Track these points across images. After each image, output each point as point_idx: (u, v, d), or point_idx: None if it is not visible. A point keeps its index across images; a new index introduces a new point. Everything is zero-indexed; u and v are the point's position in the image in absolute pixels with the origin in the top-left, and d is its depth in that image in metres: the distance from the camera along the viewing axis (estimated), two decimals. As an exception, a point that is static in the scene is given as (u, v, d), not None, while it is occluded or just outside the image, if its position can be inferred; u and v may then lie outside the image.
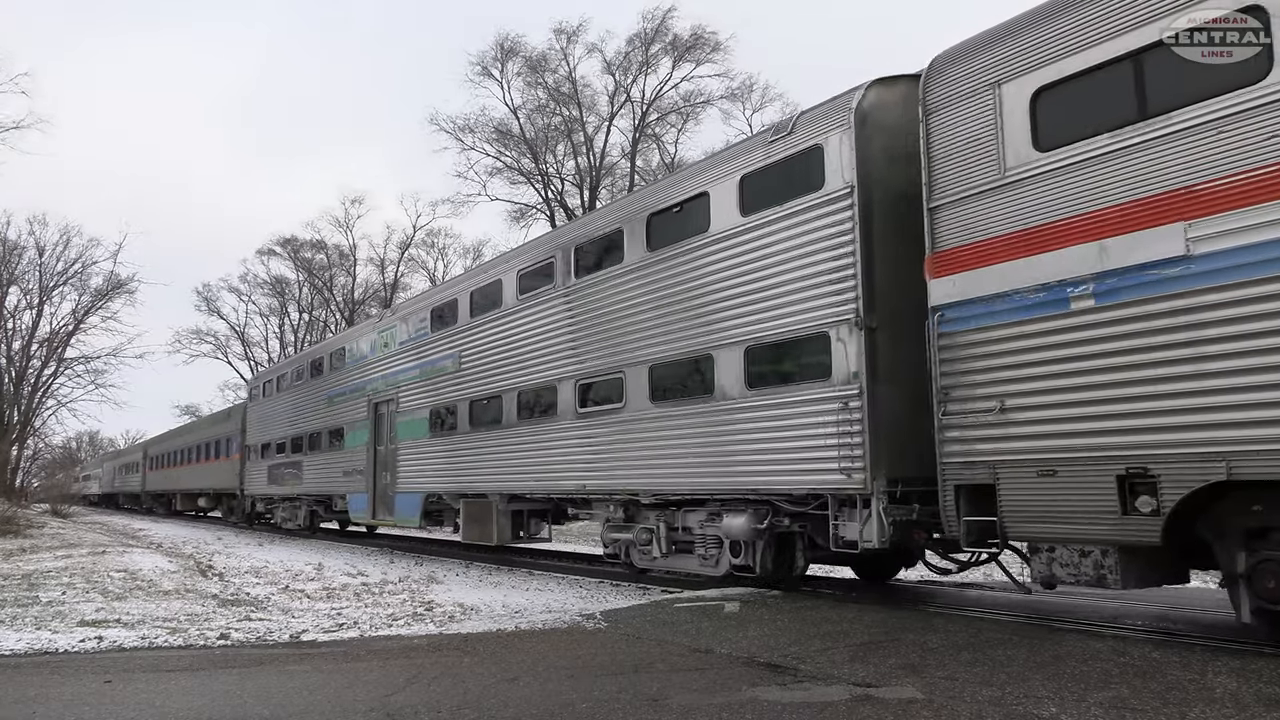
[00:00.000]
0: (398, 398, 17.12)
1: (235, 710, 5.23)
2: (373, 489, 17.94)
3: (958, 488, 7.21)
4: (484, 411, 14.15)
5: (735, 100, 40.06)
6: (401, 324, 17.59)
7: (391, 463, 17.25)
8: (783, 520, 9.15)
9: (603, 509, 11.81)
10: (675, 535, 10.49)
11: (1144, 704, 4.74)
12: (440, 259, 56.27)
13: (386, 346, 17.99)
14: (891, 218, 8.19)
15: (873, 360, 7.99)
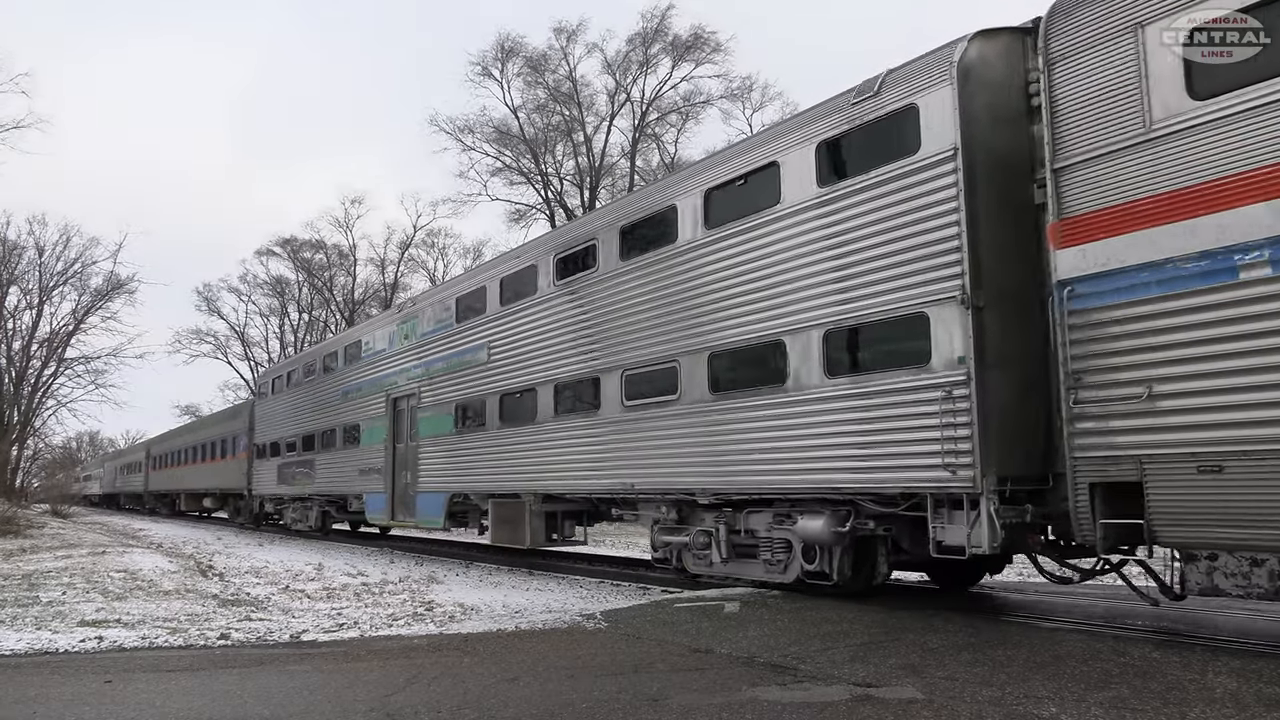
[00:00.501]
0: (419, 392, 16.19)
1: (235, 710, 5.23)
2: (391, 488, 17.08)
3: (1093, 486, 6.35)
4: (516, 406, 13.28)
5: (735, 100, 40.05)
6: (424, 315, 16.57)
7: (412, 461, 16.32)
8: (866, 522, 8.33)
9: (651, 510, 10.99)
10: (736, 539, 9.68)
11: (1144, 704, 4.74)
12: (440, 259, 56.25)
13: (407, 339, 17.01)
14: (995, 184, 7.42)
15: (981, 343, 7.13)
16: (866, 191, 8.13)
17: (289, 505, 24.25)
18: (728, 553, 9.73)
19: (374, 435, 17.97)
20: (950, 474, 7.17)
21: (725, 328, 9.53)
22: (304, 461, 22.06)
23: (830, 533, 8.44)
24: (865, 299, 8.08)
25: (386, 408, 17.43)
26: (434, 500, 15.53)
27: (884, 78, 8.26)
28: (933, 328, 7.44)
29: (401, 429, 16.95)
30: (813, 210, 8.64)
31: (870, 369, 8.07)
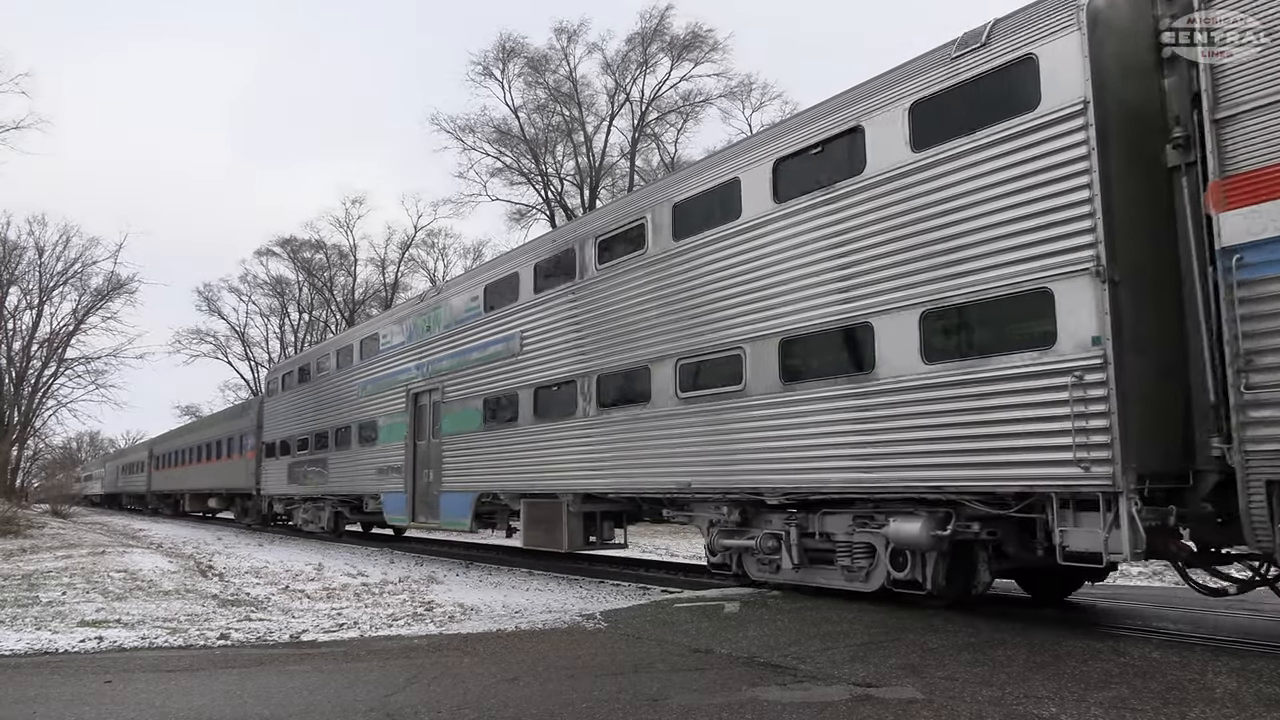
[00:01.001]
0: (443, 386, 15.27)
1: (235, 710, 5.23)
2: (412, 488, 16.15)
3: (1270, 483, 5.63)
4: (552, 400, 12.43)
5: (735, 99, 40.03)
6: (448, 304, 15.65)
7: (435, 459, 15.41)
8: (969, 525, 7.49)
9: (708, 511, 10.13)
10: (809, 543, 8.95)
11: (1144, 704, 4.74)
12: (440, 259, 56.28)
13: (429, 330, 16.08)
14: (1127, 143, 6.65)
15: (1118, 321, 6.34)
16: (973, 154, 7.31)
17: (299, 505, 23.55)
18: (799, 558, 8.97)
19: (393, 432, 17.09)
20: (1082, 471, 6.37)
21: (800, 310, 8.68)
22: (316, 460, 21.18)
23: (928, 537, 7.61)
24: (972, 275, 7.23)
25: (407, 403, 16.50)
26: (460, 500, 14.63)
27: (992, 26, 7.45)
28: (1059, 305, 6.63)
29: (423, 425, 16.06)
30: (906, 178, 7.80)
31: (980, 353, 7.19)
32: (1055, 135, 6.78)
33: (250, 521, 29.17)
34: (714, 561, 10.34)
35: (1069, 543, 6.58)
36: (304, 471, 21.99)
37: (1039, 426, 6.69)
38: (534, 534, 12.70)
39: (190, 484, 36.44)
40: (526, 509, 12.89)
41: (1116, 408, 6.26)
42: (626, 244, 11.20)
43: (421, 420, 16.13)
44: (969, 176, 7.34)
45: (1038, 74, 6.93)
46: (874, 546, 8.31)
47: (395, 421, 17.00)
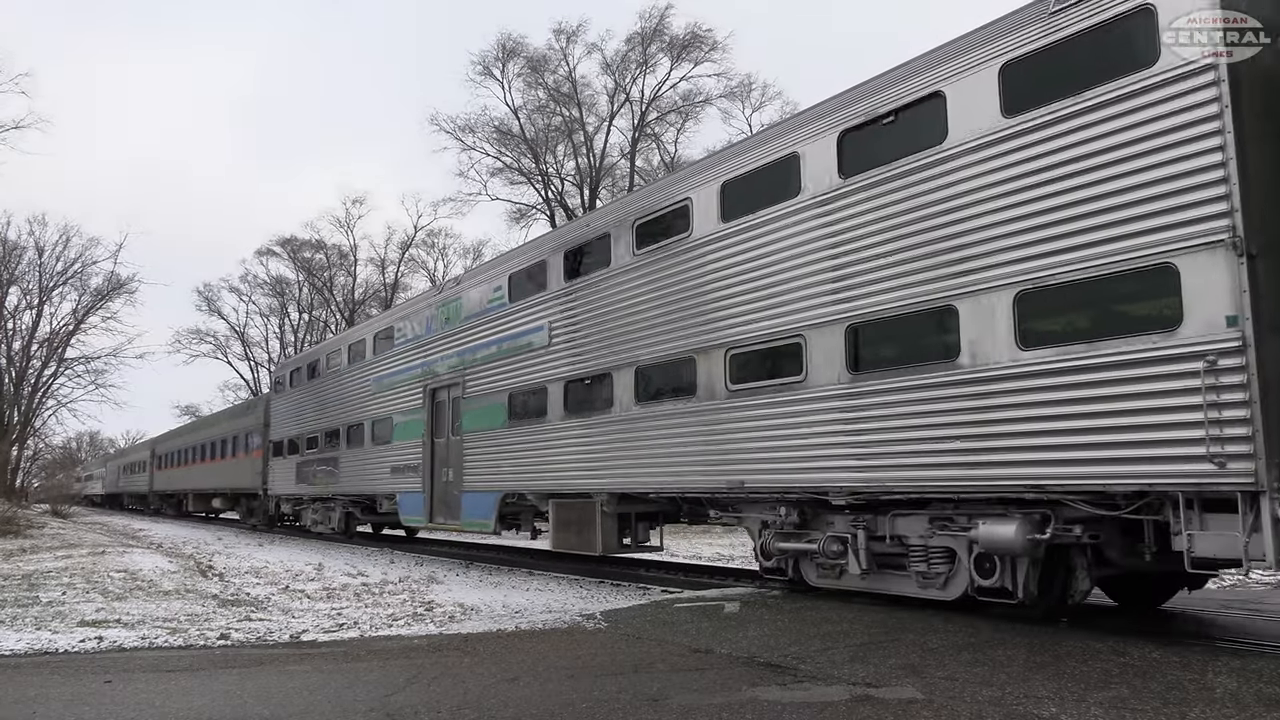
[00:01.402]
0: (463, 381, 14.55)
1: (235, 710, 5.23)
2: (430, 488, 15.45)
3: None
4: (586, 394, 11.76)
5: (735, 99, 40.05)
6: (468, 296, 14.89)
7: (455, 457, 14.69)
8: (1069, 528, 6.80)
9: (761, 511, 9.52)
10: (878, 546, 8.32)
11: (1144, 704, 4.74)
12: (440, 259, 56.32)
13: (448, 322, 15.32)
14: (1259, 103, 6.04)
15: (1257, 300, 5.70)
16: (1078, 118, 6.65)
17: (308, 506, 22.84)
18: (868, 563, 8.33)
19: (409, 430, 16.37)
20: (1216, 467, 5.73)
21: (872, 294, 8.02)
22: (326, 459, 20.43)
23: (1024, 541, 6.89)
24: (1076, 251, 6.56)
25: (424, 399, 15.81)
26: (482, 501, 13.91)
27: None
28: (1184, 282, 5.97)
29: (441, 422, 15.36)
30: (998, 145, 7.17)
31: (1086, 337, 6.51)
32: (1178, 93, 6.12)
33: (256, 522, 28.65)
34: (767, 566, 9.63)
35: (1197, 547, 5.94)
36: (313, 471, 21.29)
37: (1161, 418, 6.03)
38: (564, 536, 12.02)
39: (194, 484, 35.83)
40: (556, 510, 12.22)
41: (1258, 396, 5.59)
42: (668, 227, 10.52)
43: (440, 417, 15.42)
44: (1074, 142, 6.67)
45: (1155, 27, 6.29)
46: (954, 551, 7.67)
47: (411, 419, 16.28)
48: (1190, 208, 6.00)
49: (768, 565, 9.67)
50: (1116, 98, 6.46)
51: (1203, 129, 5.98)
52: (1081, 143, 6.63)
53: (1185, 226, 6.01)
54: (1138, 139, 6.32)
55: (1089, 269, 6.49)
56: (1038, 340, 6.79)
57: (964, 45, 7.64)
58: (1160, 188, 6.17)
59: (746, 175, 9.56)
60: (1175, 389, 5.98)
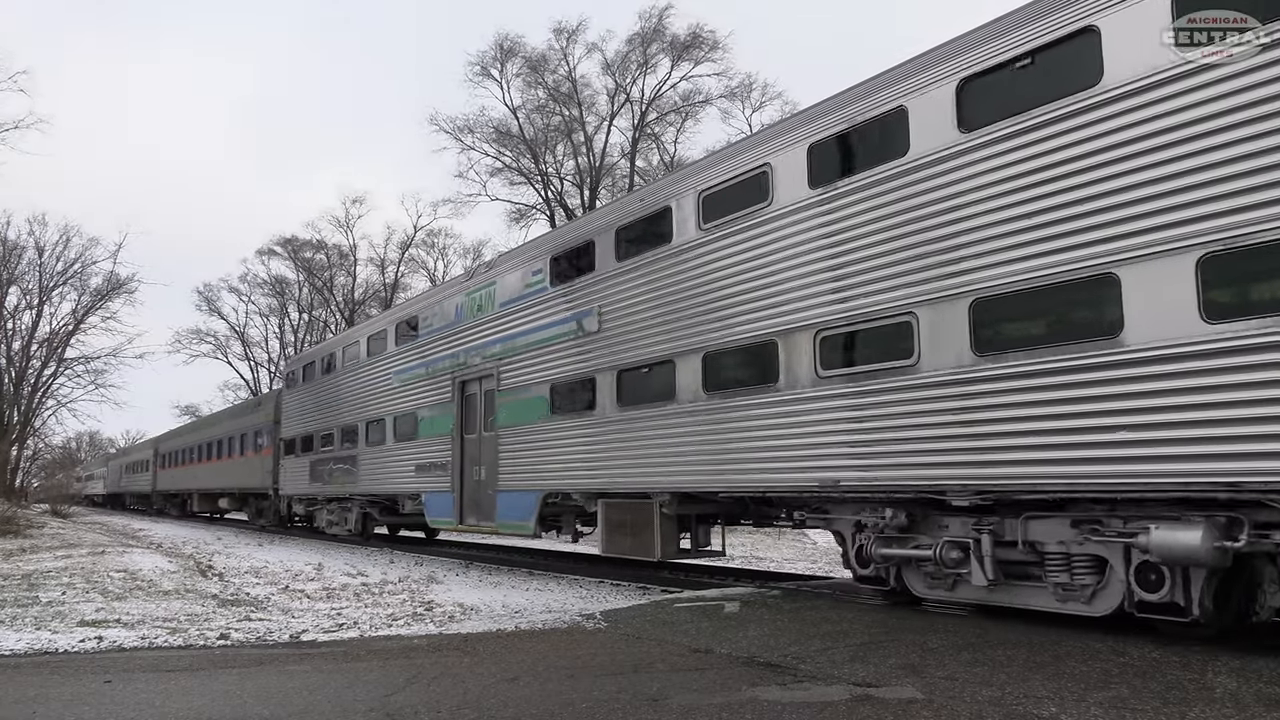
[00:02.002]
0: (498, 373, 13.61)
1: (235, 710, 5.23)
2: (459, 487, 14.52)
3: None
4: (642, 384, 10.77)
5: (735, 99, 40.08)
6: (503, 281, 13.87)
7: (489, 454, 13.74)
8: (1266, 534, 5.81)
9: (855, 513, 8.54)
10: (1006, 553, 7.26)
11: (1144, 704, 4.74)
12: (440, 259, 56.38)
13: (480, 310, 14.35)
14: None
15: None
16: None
17: (322, 506, 21.80)
18: (994, 572, 7.26)
19: (436, 425, 15.40)
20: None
21: (996, 264, 7.03)
22: (343, 458, 19.41)
23: (1209, 549, 5.84)
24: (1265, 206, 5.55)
25: (453, 393, 14.84)
26: (521, 501, 12.94)
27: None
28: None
29: (473, 417, 14.40)
30: (1166, 85, 6.19)
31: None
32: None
33: (265, 523, 27.68)
34: (864, 574, 8.60)
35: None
36: (329, 470, 20.27)
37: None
38: (616, 539, 11.07)
39: (199, 483, 34.79)
40: (606, 511, 11.30)
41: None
42: (739, 198, 9.54)
43: (471, 411, 14.46)
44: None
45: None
46: (1103, 560, 6.72)
47: (439, 414, 15.28)
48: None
49: (863, 574, 8.59)
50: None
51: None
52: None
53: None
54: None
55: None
56: (1236, 311, 5.78)
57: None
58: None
59: (848, 133, 8.34)
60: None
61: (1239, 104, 5.83)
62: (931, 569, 7.81)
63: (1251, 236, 5.66)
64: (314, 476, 21.27)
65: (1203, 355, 5.87)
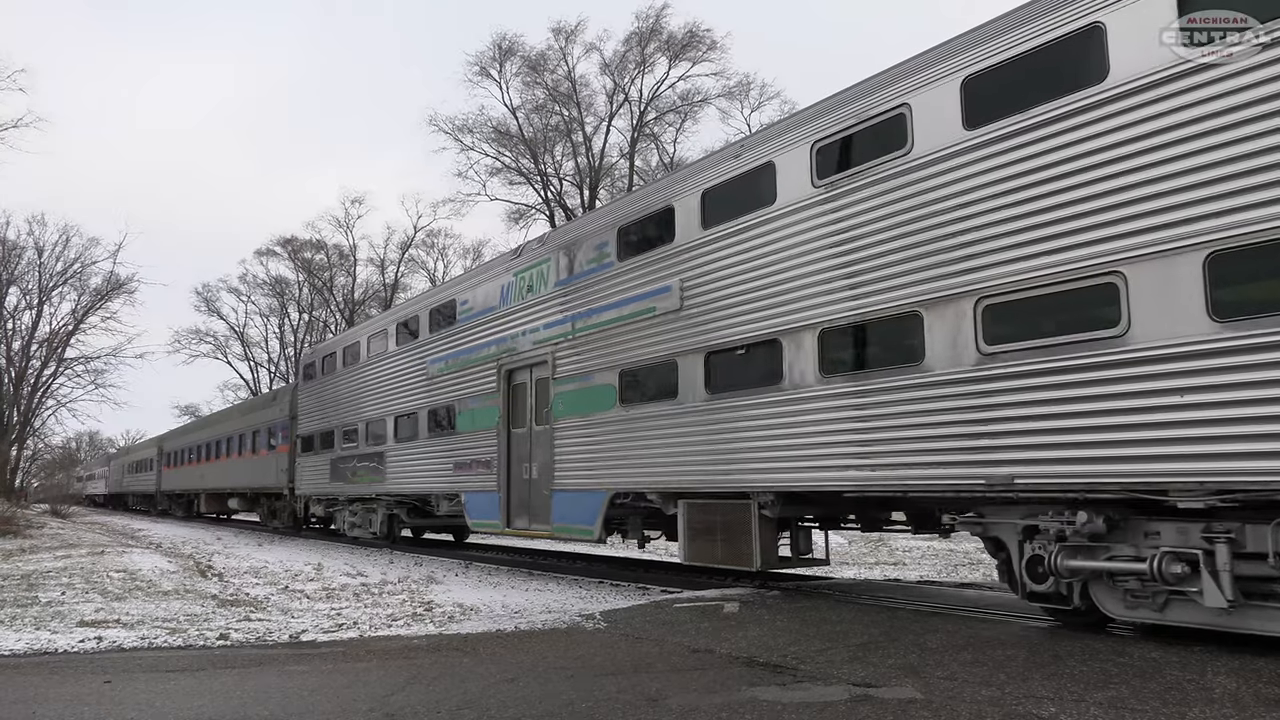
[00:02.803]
0: (553, 360, 12.34)
1: (235, 711, 5.23)
2: (506, 486, 13.32)
3: None
4: (738, 367, 9.47)
5: (733, 99, 40.15)
6: (558, 258, 12.57)
7: (543, 450, 12.52)
8: None
9: (1027, 516, 7.09)
10: (1250, 568, 5.81)
11: (1144, 704, 4.74)
12: (440, 259, 56.44)
13: (530, 291, 13.09)
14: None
15: None
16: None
17: (344, 507, 20.45)
18: (1233, 591, 5.80)
19: (478, 419, 14.11)
20: None
21: (1236, 209, 5.72)
22: (369, 455, 18.12)
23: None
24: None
25: (499, 382, 13.55)
26: (583, 502, 11.63)
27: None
28: None
29: (521, 409, 13.16)
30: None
31: None
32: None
33: (280, 524, 26.33)
34: (1035, 590, 7.05)
35: None
36: (352, 468, 18.95)
37: None
38: (703, 546, 9.84)
39: (207, 483, 33.21)
40: (689, 513, 10.04)
41: None
42: (872, 145, 8.25)
43: (519, 403, 13.19)
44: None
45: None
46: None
47: (481, 406, 14.01)
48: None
49: (1036, 589, 7.04)
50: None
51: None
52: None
53: None
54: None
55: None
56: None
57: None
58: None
59: (1008, 63, 7.22)
60: None
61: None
62: (1134, 585, 6.41)
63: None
64: (335, 475, 19.98)
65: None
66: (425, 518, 17.62)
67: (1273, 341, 5.61)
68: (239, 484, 29.12)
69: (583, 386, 11.80)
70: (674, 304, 10.30)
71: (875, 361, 8.08)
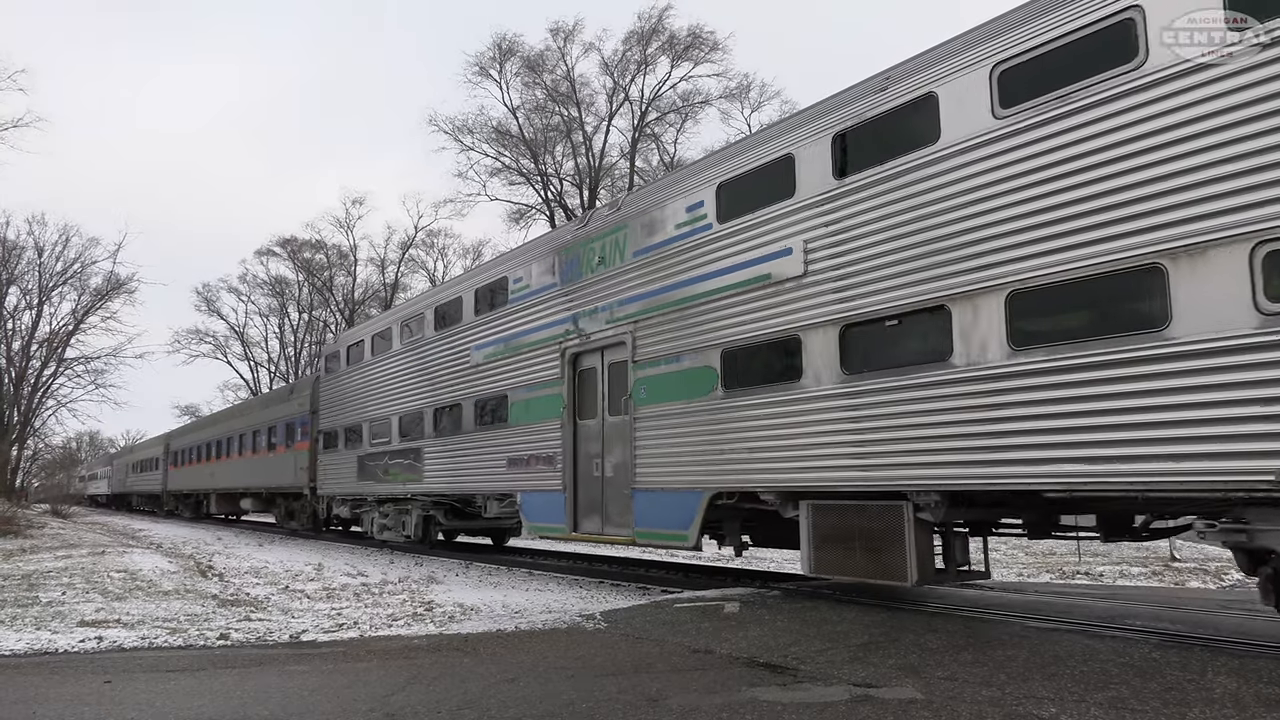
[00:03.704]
0: (634, 340, 10.80)
1: (235, 711, 5.23)
2: (573, 485, 11.86)
3: None
4: (886, 341, 7.98)
5: (733, 100, 40.14)
6: (638, 223, 11.00)
7: (619, 443, 11.01)
8: None
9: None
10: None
11: (1144, 704, 4.74)
12: (440, 259, 56.48)
13: (602, 263, 11.56)
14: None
15: None
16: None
17: (373, 508, 18.90)
18: None
19: (537, 409, 12.67)
20: None
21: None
22: (403, 452, 16.69)
23: None
24: None
25: (562, 368, 12.12)
26: (674, 503, 10.09)
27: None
28: None
29: (591, 397, 11.70)
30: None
31: None
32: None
33: (299, 526, 24.90)
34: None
35: None
36: (383, 465, 17.53)
37: None
38: (836, 555, 8.37)
39: (218, 483, 31.55)
40: (817, 517, 8.59)
41: None
42: (1080, 64, 6.74)
43: (588, 390, 11.78)
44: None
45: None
46: None
47: (541, 394, 12.61)
48: None
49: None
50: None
51: None
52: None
53: None
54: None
55: None
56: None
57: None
58: None
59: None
60: None
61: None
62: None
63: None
64: (363, 474, 18.51)
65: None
66: (465, 519, 16.24)
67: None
68: (253, 483, 27.58)
69: (672, 370, 10.25)
70: (796, 269, 8.77)
71: (1090, 329, 6.48)
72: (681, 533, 9.93)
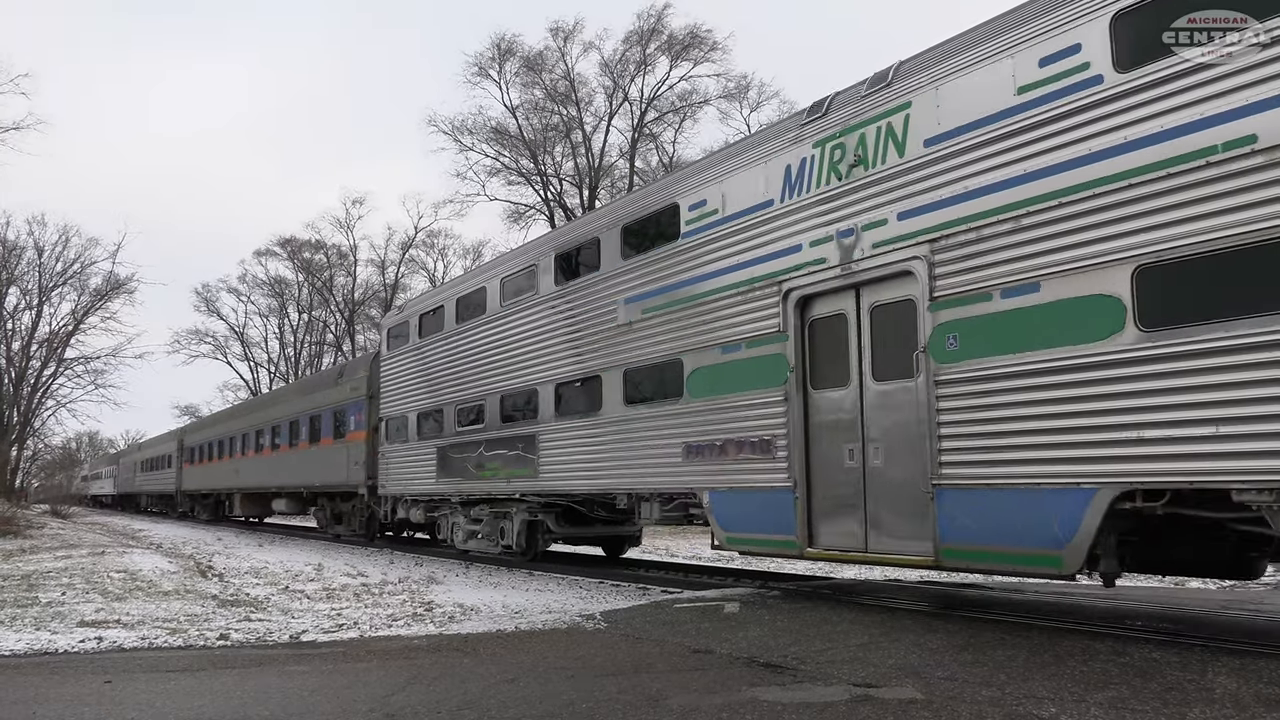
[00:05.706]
0: (929, 268, 7.48)
1: (235, 711, 5.23)
2: (805, 479, 8.63)
3: None
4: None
5: (733, 100, 40.13)
6: (944, 91, 7.55)
7: (902, 420, 7.77)
8: None
9: None
10: None
11: (1144, 704, 4.74)
12: (440, 259, 56.49)
13: (859, 165, 8.23)
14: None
15: None
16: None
17: (457, 512, 15.60)
18: None
19: (735, 377, 9.41)
20: None
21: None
22: (506, 440, 13.53)
23: None
24: None
25: (784, 317, 8.86)
26: (1034, 506, 6.65)
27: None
28: None
29: (835, 357, 8.51)
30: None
31: None
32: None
33: (350, 531, 21.21)
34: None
35: None
36: (476, 458, 14.37)
37: None
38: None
39: (245, 481, 27.75)
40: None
41: None
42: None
43: (830, 347, 8.57)
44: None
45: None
46: None
47: (743, 356, 9.35)
48: None
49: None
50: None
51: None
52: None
53: None
54: None
55: None
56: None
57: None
58: None
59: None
60: None
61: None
62: None
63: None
64: (445, 469, 15.42)
65: None
66: (582, 525, 13.39)
67: None
68: (291, 481, 23.60)
69: (1018, 306, 6.88)
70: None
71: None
72: (1049, 552, 6.60)
